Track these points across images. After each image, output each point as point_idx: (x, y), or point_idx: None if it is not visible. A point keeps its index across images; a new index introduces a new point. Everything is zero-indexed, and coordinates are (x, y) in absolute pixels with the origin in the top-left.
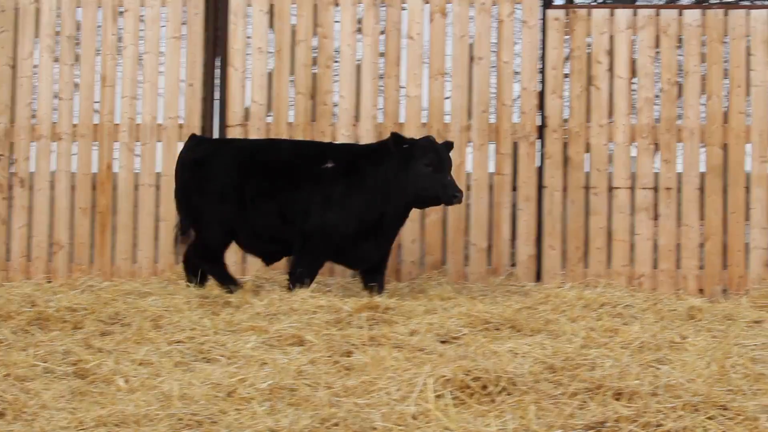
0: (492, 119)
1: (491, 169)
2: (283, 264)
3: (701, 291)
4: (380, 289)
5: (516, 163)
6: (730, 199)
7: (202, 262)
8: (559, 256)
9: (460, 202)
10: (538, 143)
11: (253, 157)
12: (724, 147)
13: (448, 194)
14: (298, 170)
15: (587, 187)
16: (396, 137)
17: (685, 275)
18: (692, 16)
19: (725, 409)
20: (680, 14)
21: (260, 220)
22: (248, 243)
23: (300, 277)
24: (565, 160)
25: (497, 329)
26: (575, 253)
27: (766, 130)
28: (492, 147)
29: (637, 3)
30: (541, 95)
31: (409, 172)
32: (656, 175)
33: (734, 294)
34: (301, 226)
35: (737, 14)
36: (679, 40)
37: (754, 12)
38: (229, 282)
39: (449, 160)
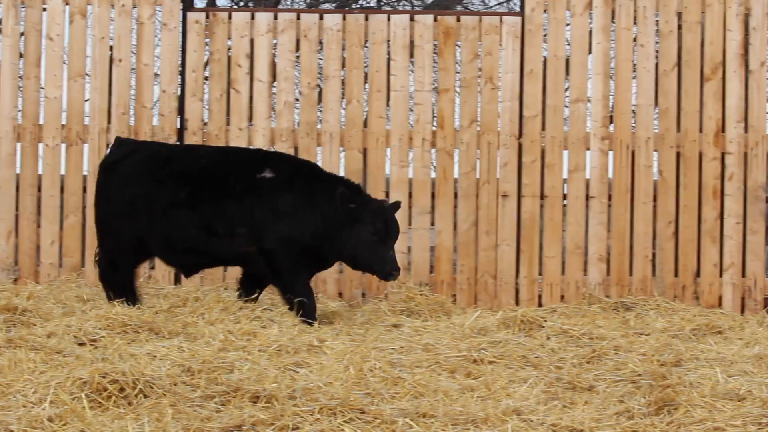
0: (131, 121)
1: None
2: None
3: (341, 295)
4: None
5: None
6: None
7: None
8: None
9: (395, 279)
10: None
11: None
12: (364, 151)
13: (385, 270)
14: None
15: None
16: (343, 197)
17: (325, 279)
18: (333, 20)
19: (363, 412)
20: (321, 18)
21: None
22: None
23: (300, 304)
24: None
25: (136, 332)
26: None
27: (406, 134)
28: None
29: (279, 7)
30: (181, 98)
31: (352, 233)
32: None
33: (373, 298)
34: (259, 245)
35: (378, 19)
36: (320, 44)
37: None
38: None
39: (397, 231)
